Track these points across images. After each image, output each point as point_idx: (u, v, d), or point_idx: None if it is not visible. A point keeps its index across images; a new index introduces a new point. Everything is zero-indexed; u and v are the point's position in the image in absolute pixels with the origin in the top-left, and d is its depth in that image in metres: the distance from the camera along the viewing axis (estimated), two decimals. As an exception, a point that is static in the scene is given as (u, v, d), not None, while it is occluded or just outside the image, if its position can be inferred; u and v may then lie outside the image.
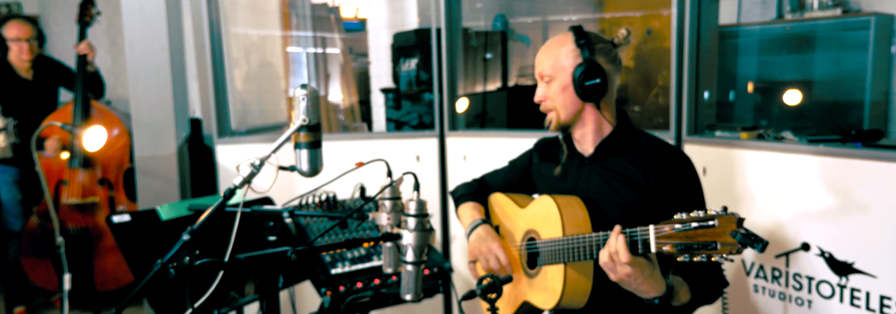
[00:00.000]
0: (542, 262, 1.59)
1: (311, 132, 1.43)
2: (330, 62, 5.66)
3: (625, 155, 1.60)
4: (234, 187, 1.39)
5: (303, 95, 1.40)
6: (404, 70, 3.39)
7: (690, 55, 2.24)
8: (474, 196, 1.91)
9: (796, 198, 1.96)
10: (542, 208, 1.62)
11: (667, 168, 1.54)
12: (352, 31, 5.54)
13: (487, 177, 1.96)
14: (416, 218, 1.42)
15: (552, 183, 1.72)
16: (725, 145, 2.16)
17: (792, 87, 3.35)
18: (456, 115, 2.91)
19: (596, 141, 1.63)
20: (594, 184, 1.62)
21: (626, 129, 1.62)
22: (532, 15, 4.34)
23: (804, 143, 1.97)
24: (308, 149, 1.43)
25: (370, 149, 2.87)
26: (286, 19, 4.45)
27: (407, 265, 1.42)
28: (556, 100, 1.57)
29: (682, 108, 2.28)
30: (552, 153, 1.77)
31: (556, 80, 1.56)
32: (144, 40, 2.53)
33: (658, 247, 1.26)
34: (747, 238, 1.14)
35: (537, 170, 1.80)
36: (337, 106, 5.51)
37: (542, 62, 1.57)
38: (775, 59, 3.41)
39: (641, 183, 1.55)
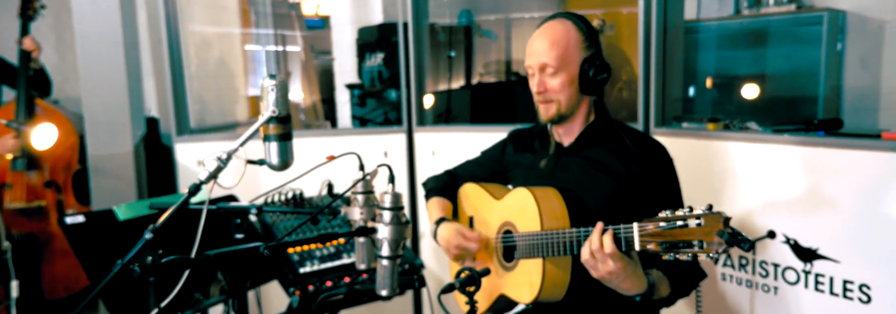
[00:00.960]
0: (520, 256, 1.57)
1: (281, 124, 1.37)
2: (291, 60, 5.56)
3: (604, 144, 1.59)
4: (199, 183, 1.33)
5: (271, 86, 1.35)
6: (369, 66, 3.34)
7: (657, 49, 2.26)
8: (443, 190, 1.87)
9: (762, 186, 1.99)
10: (518, 200, 1.60)
11: (647, 157, 1.54)
12: (314, 29, 5.45)
13: (459, 170, 1.93)
14: (391, 211, 1.38)
15: (528, 174, 1.70)
16: (693, 136, 2.18)
17: (749, 81, 3.42)
18: (423, 110, 2.88)
19: (577, 132, 1.62)
20: (574, 175, 1.60)
21: (606, 120, 1.62)
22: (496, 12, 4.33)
23: (769, 133, 2.00)
24: (278, 141, 1.38)
25: (336, 145, 2.81)
26: (245, 16, 4.34)
27: (382, 260, 1.38)
28: (561, 93, 1.54)
29: (650, 100, 2.30)
30: (527, 143, 1.75)
31: (562, 72, 1.52)
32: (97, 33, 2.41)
33: (642, 246, 1.25)
34: (734, 238, 1.13)
35: (512, 160, 1.78)
36: (298, 105, 5.42)
37: (544, 52, 1.51)
38: (733, 54, 3.49)
39: (621, 172, 1.54)
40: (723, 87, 3.58)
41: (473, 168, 1.88)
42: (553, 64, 1.52)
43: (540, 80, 1.54)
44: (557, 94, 1.54)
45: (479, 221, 1.78)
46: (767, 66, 3.39)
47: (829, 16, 3.14)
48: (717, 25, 3.56)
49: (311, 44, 5.50)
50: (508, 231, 1.64)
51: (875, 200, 1.72)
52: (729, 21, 3.47)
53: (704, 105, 3.56)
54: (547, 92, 1.55)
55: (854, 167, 1.76)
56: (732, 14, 3.58)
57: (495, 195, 1.72)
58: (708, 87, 3.56)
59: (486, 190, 1.76)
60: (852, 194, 1.77)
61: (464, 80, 3.86)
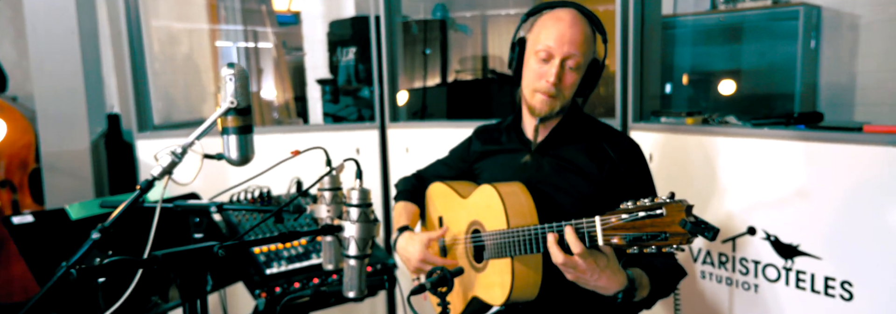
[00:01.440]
0: (488, 256, 1.50)
1: (241, 116, 1.29)
2: (262, 57, 5.45)
3: (576, 143, 1.53)
4: (152, 179, 1.24)
5: (230, 75, 1.26)
6: (342, 60, 3.25)
7: (635, 43, 2.22)
8: (410, 193, 1.80)
9: (742, 181, 1.95)
10: (483, 198, 1.53)
11: (618, 155, 1.49)
12: (285, 25, 5.34)
13: (427, 171, 1.87)
14: (358, 208, 1.31)
15: (496, 171, 1.63)
16: (671, 131, 2.13)
17: (726, 76, 3.41)
18: (397, 105, 2.80)
19: (551, 129, 1.56)
20: (544, 174, 1.54)
21: (578, 117, 1.56)
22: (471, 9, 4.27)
23: (749, 127, 1.96)
24: (237, 134, 1.29)
25: (307, 142, 2.72)
26: (213, 11, 4.22)
27: (349, 259, 1.31)
28: (571, 88, 1.46)
29: (628, 95, 2.25)
30: (494, 139, 1.68)
31: (581, 69, 1.44)
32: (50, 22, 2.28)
33: (606, 240, 1.19)
34: (697, 226, 1.07)
35: (479, 158, 1.71)
36: (271, 103, 5.31)
37: (577, 43, 1.41)
38: (709, 50, 3.47)
39: (593, 172, 1.49)
40: (699, 82, 3.56)
41: (441, 168, 1.82)
42: (581, 60, 1.43)
43: (559, 71, 1.43)
44: (566, 90, 1.46)
45: (449, 221, 1.71)
46: (744, 61, 3.38)
47: (805, 11, 3.13)
48: (694, 21, 3.54)
49: (283, 40, 5.40)
50: (477, 230, 1.57)
51: (857, 195, 1.69)
52: (705, 16, 3.44)
53: (681, 101, 3.54)
54: (561, 86, 1.45)
55: (836, 161, 1.72)
56: (709, 9, 3.56)
57: (462, 193, 1.65)
58: (684, 82, 3.54)
59: (452, 188, 1.69)
60: (834, 189, 1.73)
61: (440, 76, 3.79)
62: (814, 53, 3.30)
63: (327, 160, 1.49)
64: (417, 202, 1.80)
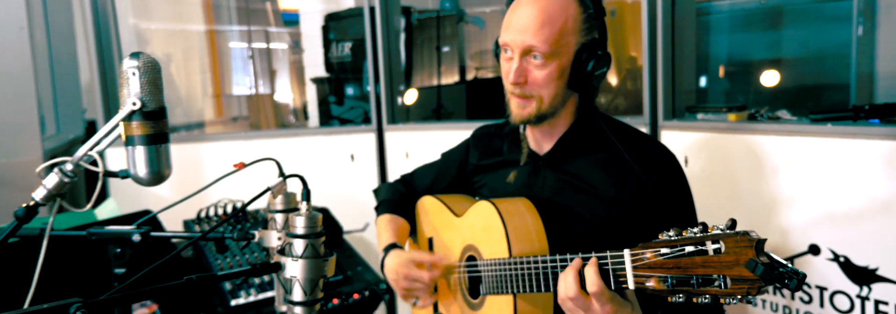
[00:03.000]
0: (486, 291, 1.18)
1: (150, 121, 0.99)
2: (276, 58, 5.22)
3: (591, 154, 1.20)
4: (31, 205, 0.95)
5: (133, 68, 0.96)
6: (337, 57, 2.95)
7: (665, 31, 1.87)
8: (396, 204, 1.48)
9: (801, 190, 1.59)
10: (481, 218, 1.21)
11: (648, 170, 1.15)
12: (292, 24, 5.09)
13: (416, 176, 1.54)
14: (304, 239, 1.00)
15: (497, 186, 1.31)
16: (710, 129, 1.78)
17: (768, 66, 3.02)
18: (397, 105, 2.49)
19: (559, 136, 1.23)
20: (551, 192, 1.22)
21: (591, 119, 1.22)
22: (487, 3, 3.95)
23: (807, 123, 1.60)
24: (145, 145, 0.99)
25: (293, 148, 2.43)
26: (210, 11, 3.99)
27: (294, 308, 1.00)
28: (546, 87, 1.13)
29: (658, 90, 1.90)
30: (495, 148, 1.35)
31: (551, 60, 1.11)
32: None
33: (638, 282, 0.87)
34: (773, 271, 0.73)
35: (477, 167, 1.38)
36: (287, 106, 5.08)
37: (531, 29, 1.09)
38: (749, 37, 3.08)
39: (610, 192, 1.15)
40: (737, 74, 3.17)
41: (432, 175, 1.49)
42: (542, 48, 1.10)
43: (520, 67, 1.13)
44: (540, 89, 1.13)
45: (440, 244, 1.39)
46: (789, 49, 2.98)
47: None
48: (730, 6, 3.15)
49: (295, 40, 5.15)
50: (472, 256, 1.25)
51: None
52: (743, 1, 3.05)
53: (717, 95, 3.16)
54: (527, 85, 1.14)
55: (925, 165, 1.35)
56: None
57: (456, 210, 1.34)
58: (720, 75, 3.16)
59: (445, 204, 1.37)
60: (923, 200, 1.37)
61: (457, 74, 3.47)
62: (869, 38, 2.89)
63: (280, 172, 1.19)
64: (406, 215, 1.48)
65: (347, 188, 2.41)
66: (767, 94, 3.01)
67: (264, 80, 4.89)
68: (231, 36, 4.63)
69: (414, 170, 1.54)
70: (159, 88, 0.99)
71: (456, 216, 1.33)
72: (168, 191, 2.25)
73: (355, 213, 2.33)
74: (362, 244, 2.40)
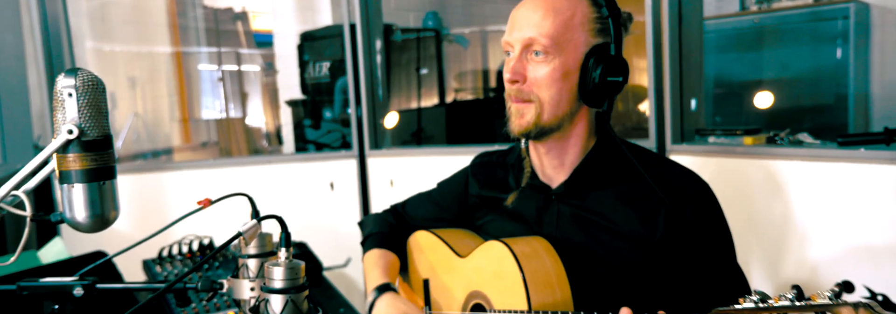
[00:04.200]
0: (501, 350, 1.01)
1: (90, 152, 0.81)
2: (248, 80, 5.07)
3: (613, 186, 1.05)
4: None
5: (68, 88, 0.78)
6: (314, 77, 2.79)
7: (672, 49, 1.74)
8: (386, 238, 1.30)
9: (831, 221, 1.46)
10: (492, 260, 1.05)
11: (680, 206, 1.00)
12: (265, 46, 4.93)
13: (408, 206, 1.36)
14: (283, 295, 0.82)
15: (503, 224, 1.15)
16: (725, 154, 1.65)
17: (762, 87, 2.94)
18: (380, 129, 2.32)
19: (573, 164, 1.07)
20: (567, 231, 1.06)
21: (611, 144, 1.07)
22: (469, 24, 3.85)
23: (835, 147, 1.47)
24: (84, 182, 0.81)
25: (272, 176, 2.24)
26: (176, 33, 3.81)
27: (270, 380, 0.81)
28: (547, 88, 0.99)
29: (664, 110, 1.77)
30: (498, 178, 1.20)
31: (555, 56, 0.98)
32: None
33: None
34: None
35: (479, 201, 1.22)
36: (259, 130, 4.91)
37: (533, 22, 0.98)
38: (741, 57, 3.00)
39: (639, 231, 1.00)
40: (729, 96, 3.08)
41: (427, 207, 1.32)
42: (542, 41, 0.97)
43: (518, 63, 1.00)
44: (541, 90, 1.00)
45: (440, 288, 1.21)
46: (784, 69, 2.91)
47: (857, 8, 2.67)
48: (719, 24, 3.08)
49: (268, 62, 5.00)
50: (479, 306, 1.08)
51: None
52: (736, 19, 2.99)
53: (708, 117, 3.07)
54: (525, 83, 1.00)
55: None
56: (738, 11, 3.11)
57: (459, 250, 1.17)
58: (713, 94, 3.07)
59: (445, 242, 1.20)
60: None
61: (437, 96, 3.33)
62: (863, 57, 2.83)
63: (253, 212, 1.02)
64: (397, 251, 1.30)
65: (327, 219, 2.23)
66: (761, 115, 2.92)
67: (235, 103, 4.72)
68: (200, 58, 4.48)
69: (405, 200, 1.37)
70: (103, 113, 0.81)
71: (458, 256, 1.16)
72: (127, 225, 2.04)
73: (336, 247, 2.14)
74: (344, 281, 2.20)
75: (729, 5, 3.16)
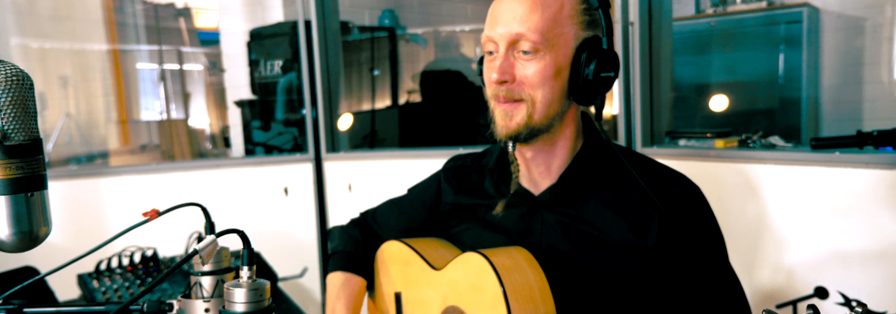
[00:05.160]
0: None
1: (15, 159, 0.69)
2: (191, 80, 4.87)
3: (600, 191, 0.99)
4: None
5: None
6: (264, 76, 2.66)
7: (643, 48, 1.71)
8: (351, 258, 1.21)
9: (806, 226, 1.45)
10: (469, 274, 0.98)
11: (674, 211, 0.95)
12: (210, 44, 4.74)
13: (378, 215, 1.27)
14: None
15: (480, 234, 1.08)
16: (697, 157, 1.62)
17: (719, 89, 2.98)
18: (336, 131, 2.22)
19: (559, 169, 1.01)
20: (552, 240, 1.00)
21: (603, 147, 1.02)
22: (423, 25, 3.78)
23: (808, 151, 1.46)
24: (7, 193, 0.69)
25: (221, 182, 2.10)
26: (113, 30, 3.60)
27: None
28: (539, 87, 0.92)
29: (634, 111, 1.73)
30: (474, 183, 1.12)
31: (545, 53, 0.91)
32: None
33: None
34: None
35: (453, 210, 1.14)
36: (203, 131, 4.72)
37: (519, 17, 0.91)
38: (696, 60, 3.03)
39: (631, 240, 0.95)
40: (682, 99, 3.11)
41: (397, 215, 1.23)
42: (532, 37, 0.90)
43: (506, 61, 0.93)
44: (532, 90, 0.93)
45: (412, 302, 1.13)
46: (738, 71, 2.95)
47: (809, 12, 2.73)
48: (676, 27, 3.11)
49: (212, 61, 4.81)
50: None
51: None
52: (692, 22, 3.01)
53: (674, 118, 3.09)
54: (514, 82, 0.93)
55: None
56: (694, 13, 3.14)
57: (434, 261, 1.09)
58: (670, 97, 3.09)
59: (418, 252, 1.12)
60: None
61: (389, 97, 3.24)
62: (814, 61, 2.90)
63: (207, 224, 0.91)
64: (362, 271, 1.20)
65: (281, 227, 2.11)
66: (713, 118, 2.96)
67: (177, 103, 4.51)
68: (139, 56, 4.26)
69: (374, 208, 1.28)
70: (30, 113, 0.69)
71: (433, 269, 1.08)
72: (60, 236, 1.88)
73: (291, 257, 2.03)
74: (300, 292, 2.08)
75: (685, 8, 3.20)
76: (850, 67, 2.91)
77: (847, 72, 2.90)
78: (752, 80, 2.94)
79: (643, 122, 1.73)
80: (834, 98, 2.95)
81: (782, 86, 2.87)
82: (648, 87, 1.73)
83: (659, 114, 1.76)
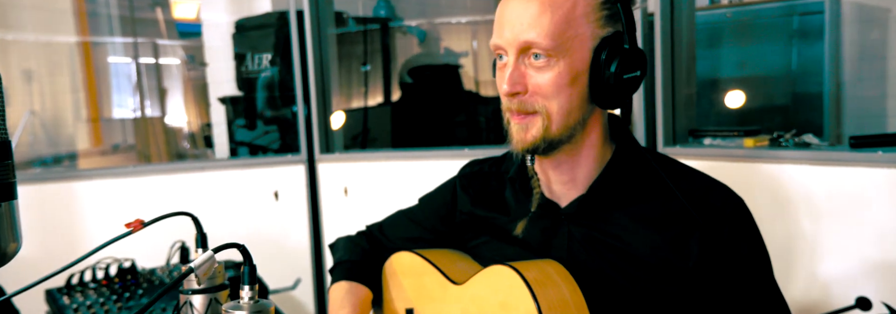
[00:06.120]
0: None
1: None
2: (168, 75, 4.81)
3: (633, 205, 0.94)
4: None
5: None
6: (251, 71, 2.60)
7: (664, 39, 1.67)
8: (357, 267, 1.16)
9: (845, 231, 1.41)
10: (498, 289, 0.94)
11: (716, 227, 0.91)
12: (189, 36, 4.67)
13: (386, 227, 1.22)
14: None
15: (498, 245, 1.03)
16: (723, 157, 1.59)
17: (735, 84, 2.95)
18: (331, 131, 2.17)
19: (586, 178, 0.96)
20: (580, 257, 0.95)
21: (632, 157, 0.97)
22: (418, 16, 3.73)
23: (847, 150, 1.42)
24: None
25: (204, 185, 2.04)
26: (84, 20, 3.53)
27: None
28: (555, 97, 0.88)
29: (656, 108, 1.69)
30: (493, 193, 1.07)
31: (558, 59, 0.87)
32: None
33: None
34: None
35: (470, 220, 1.09)
36: (181, 130, 4.67)
37: (527, 21, 0.86)
38: (716, 53, 3.00)
39: (669, 259, 0.91)
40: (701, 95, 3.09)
41: (407, 226, 1.18)
42: (543, 43, 0.86)
43: (516, 71, 0.89)
44: (547, 100, 0.89)
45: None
46: (754, 65, 2.93)
47: (831, 3, 2.70)
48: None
49: (190, 54, 4.75)
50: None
51: None
52: (707, 13, 2.98)
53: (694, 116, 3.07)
54: (527, 93, 0.89)
55: None
56: (709, 4, 3.11)
57: (452, 275, 1.04)
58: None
59: (434, 265, 1.07)
60: None
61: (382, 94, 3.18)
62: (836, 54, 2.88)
63: (198, 237, 0.87)
64: (369, 282, 1.15)
65: (271, 234, 2.05)
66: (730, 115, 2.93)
67: (153, 100, 4.44)
68: (112, 49, 4.19)
69: (382, 221, 1.23)
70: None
71: (452, 283, 1.03)
72: (26, 246, 1.80)
73: (283, 267, 1.98)
74: (292, 305, 2.03)
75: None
76: (872, 61, 2.89)
77: (872, 65, 2.88)
78: (769, 75, 2.92)
79: (665, 119, 1.69)
80: (856, 93, 2.93)
81: (802, 80, 2.84)
82: (670, 83, 1.69)
83: (681, 111, 1.72)
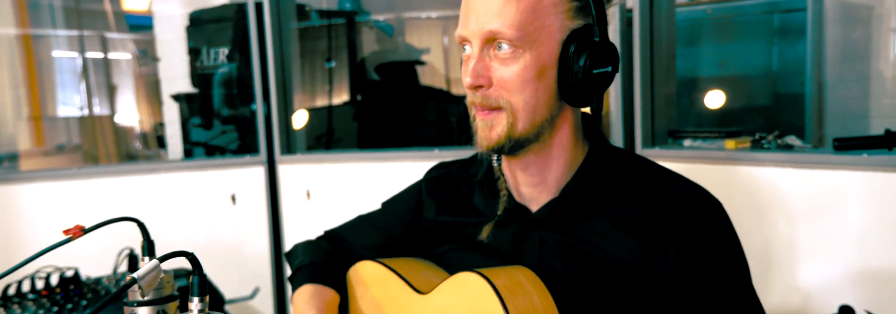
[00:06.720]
0: None
1: None
2: (117, 70, 4.73)
3: (608, 208, 0.94)
4: None
5: None
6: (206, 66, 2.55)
7: (643, 36, 1.68)
8: (321, 270, 1.13)
9: (828, 237, 1.43)
10: (465, 297, 0.93)
11: (694, 231, 0.91)
12: (140, 29, 4.59)
13: (346, 233, 1.20)
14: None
15: (466, 253, 1.02)
16: (705, 160, 1.60)
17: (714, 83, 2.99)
18: (292, 131, 2.14)
19: (557, 181, 0.95)
20: (552, 264, 0.95)
21: (605, 158, 0.97)
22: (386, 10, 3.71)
23: (831, 153, 1.45)
24: None
25: (156, 188, 2.00)
26: (24, 12, 3.44)
27: None
28: (521, 90, 0.87)
29: (634, 107, 1.70)
30: (461, 198, 1.06)
31: (524, 50, 0.85)
32: None
33: None
34: None
35: (436, 228, 1.08)
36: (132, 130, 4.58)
37: (492, 10, 0.85)
38: (695, 51, 3.04)
39: (646, 265, 0.91)
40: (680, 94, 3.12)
41: (369, 233, 1.17)
42: (508, 33, 0.85)
43: (480, 63, 0.88)
44: (511, 95, 0.87)
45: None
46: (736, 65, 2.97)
47: (814, 1, 2.75)
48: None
49: (142, 48, 4.67)
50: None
51: None
52: (687, 9, 3.02)
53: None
54: (491, 87, 0.88)
55: None
56: (687, 1, 3.15)
57: (417, 284, 1.03)
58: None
59: (398, 274, 1.06)
60: None
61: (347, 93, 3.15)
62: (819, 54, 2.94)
63: (145, 244, 0.84)
64: (335, 286, 1.12)
65: (228, 241, 2.02)
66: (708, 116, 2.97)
67: (101, 97, 4.35)
68: (55, 43, 4.10)
69: (341, 227, 1.21)
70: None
71: (417, 292, 1.01)
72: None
73: (240, 275, 1.94)
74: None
75: (677, -6, 3.20)
76: (855, 60, 2.95)
77: (854, 65, 2.94)
78: (749, 74, 2.96)
79: (643, 120, 1.70)
80: (838, 94, 2.99)
81: (784, 80, 2.89)
82: (649, 82, 1.70)
83: (660, 111, 1.73)
